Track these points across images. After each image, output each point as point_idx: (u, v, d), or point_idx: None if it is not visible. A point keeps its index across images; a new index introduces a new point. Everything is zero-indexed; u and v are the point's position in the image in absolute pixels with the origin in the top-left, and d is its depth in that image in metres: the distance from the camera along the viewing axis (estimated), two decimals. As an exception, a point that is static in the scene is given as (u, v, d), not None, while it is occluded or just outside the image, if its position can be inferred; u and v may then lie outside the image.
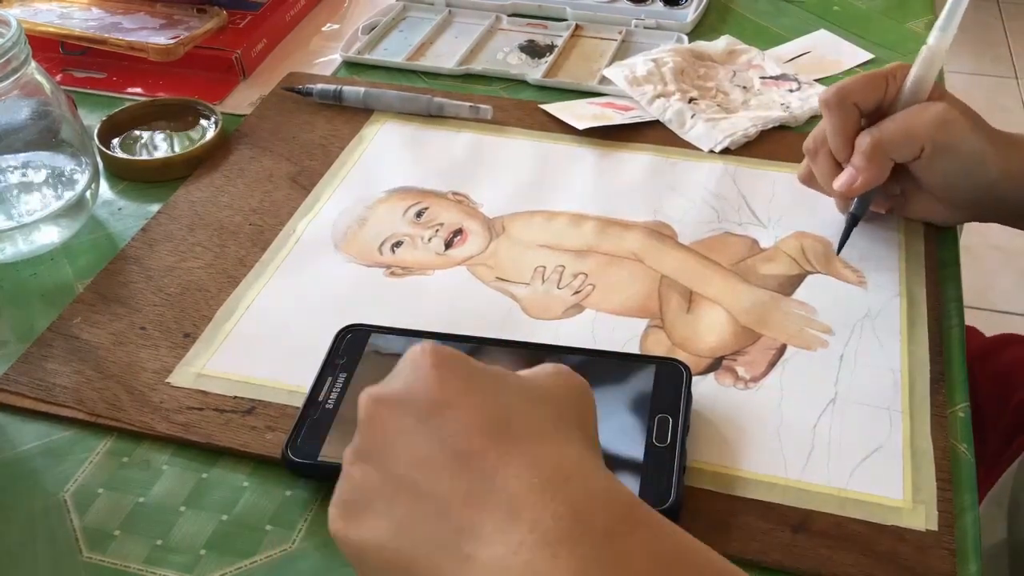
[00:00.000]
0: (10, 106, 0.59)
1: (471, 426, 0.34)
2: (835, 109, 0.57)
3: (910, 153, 0.56)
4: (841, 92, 0.57)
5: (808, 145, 0.60)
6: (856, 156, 0.57)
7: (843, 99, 0.57)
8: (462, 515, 0.32)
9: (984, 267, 1.84)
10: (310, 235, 0.62)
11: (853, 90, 0.57)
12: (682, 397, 0.47)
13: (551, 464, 0.33)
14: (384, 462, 0.35)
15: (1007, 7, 2.71)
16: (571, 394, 0.38)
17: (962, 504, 0.46)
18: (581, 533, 0.31)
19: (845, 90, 0.57)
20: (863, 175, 0.56)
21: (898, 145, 0.56)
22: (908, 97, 0.57)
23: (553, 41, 0.83)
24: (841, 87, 0.57)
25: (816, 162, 0.60)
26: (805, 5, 0.89)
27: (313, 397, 0.48)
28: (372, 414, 0.36)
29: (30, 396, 0.51)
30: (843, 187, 0.57)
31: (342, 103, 0.74)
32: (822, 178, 0.60)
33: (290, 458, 0.46)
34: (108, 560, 0.44)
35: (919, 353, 0.53)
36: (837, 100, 0.57)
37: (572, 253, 0.60)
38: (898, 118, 0.56)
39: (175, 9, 0.82)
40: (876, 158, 0.56)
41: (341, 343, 0.51)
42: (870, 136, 0.56)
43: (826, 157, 0.59)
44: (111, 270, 0.59)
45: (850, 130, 0.57)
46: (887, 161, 0.56)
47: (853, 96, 0.57)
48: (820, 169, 0.60)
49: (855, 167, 0.56)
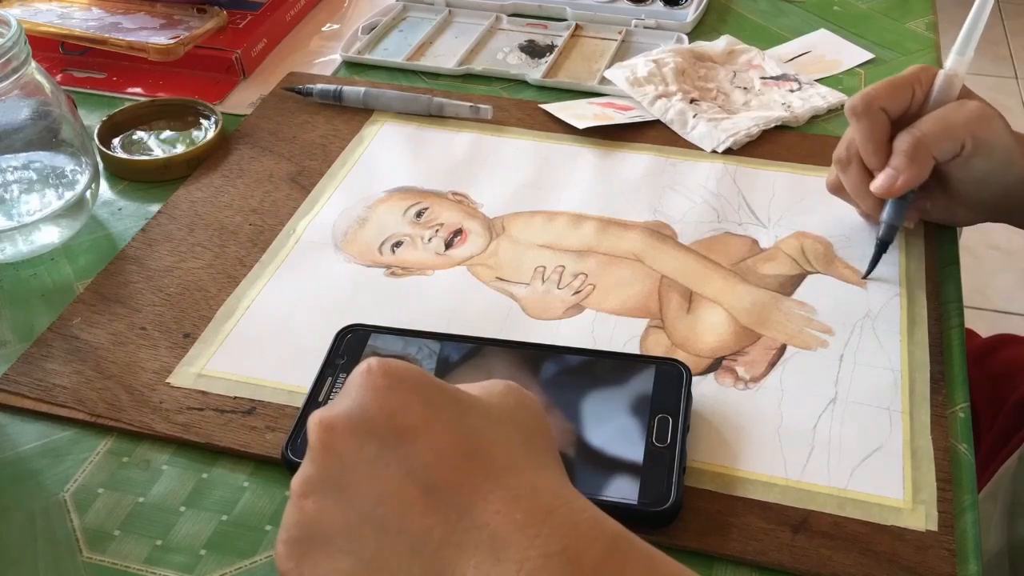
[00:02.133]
0: (10, 106, 0.59)
1: (441, 455, 0.32)
2: (863, 115, 0.56)
3: (951, 149, 0.55)
4: (867, 98, 0.56)
5: (840, 155, 0.59)
6: (896, 157, 0.55)
7: (870, 104, 0.56)
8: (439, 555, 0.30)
9: (984, 267, 1.84)
10: (310, 235, 0.62)
11: (880, 96, 0.56)
12: (682, 397, 0.47)
13: (530, 496, 0.31)
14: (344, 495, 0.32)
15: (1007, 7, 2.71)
16: (531, 415, 0.36)
17: (962, 504, 0.46)
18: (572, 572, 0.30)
19: (871, 96, 0.56)
20: (904, 174, 0.55)
21: (940, 141, 0.55)
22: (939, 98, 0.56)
23: (553, 41, 0.83)
24: (867, 94, 0.56)
25: (848, 173, 0.58)
26: (805, 5, 0.89)
27: (313, 397, 0.48)
28: (326, 441, 0.33)
29: (30, 396, 0.51)
30: (882, 189, 0.56)
31: (342, 103, 0.74)
32: (853, 188, 0.59)
33: (290, 458, 0.46)
34: (108, 560, 0.44)
35: (919, 353, 0.53)
36: (864, 106, 0.56)
37: (572, 253, 0.60)
38: (936, 115, 0.55)
39: (175, 9, 0.82)
40: (919, 156, 0.55)
41: (341, 343, 0.51)
42: (910, 135, 0.55)
43: (858, 167, 0.58)
44: (111, 270, 0.59)
45: (881, 136, 0.56)
46: (929, 159, 0.55)
47: (880, 101, 0.56)
48: (851, 179, 0.58)
49: (895, 168, 0.55)
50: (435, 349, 0.51)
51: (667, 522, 0.44)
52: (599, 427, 0.46)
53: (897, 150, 0.55)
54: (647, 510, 0.43)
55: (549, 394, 0.48)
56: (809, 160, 0.67)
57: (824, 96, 0.74)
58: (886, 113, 0.56)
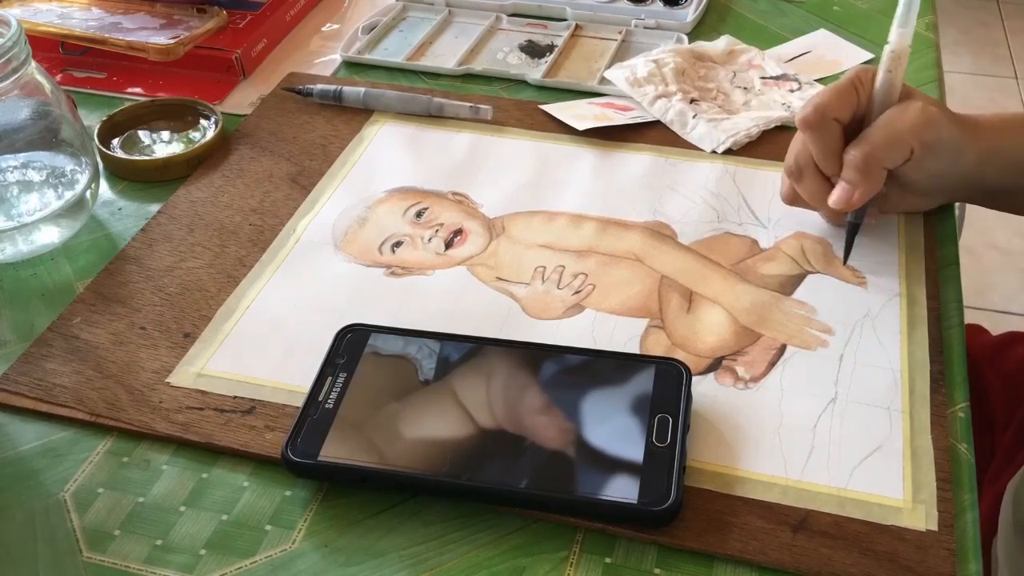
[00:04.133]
0: (10, 106, 0.59)
1: None
2: (818, 129, 0.56)
3: (901, 157, 0.56)
4: (819, 110, 0.56)
5: (790, 167, 0.59)
6: (848, 171, 0.56)
7: (823, 116, 0.56)
8: None
9: (984, 267, 1.84)
10: (310, 235, 0.62)
11: (831, 106, 0.56)
12: (682, 397, 0.47)
13: None
14: None
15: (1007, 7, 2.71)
16: None
17: (962, 504, 0.46)
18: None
19: (823, 107, 0.56)
20: (860, 188, 0.55)
21: (889, 152, 0.55)
22: (880, 101, 0.57)
23: (553, 41, 0.83)
24: (818, 105, 0.56)
25: (803, 183, 0.59)
26: (805, 5, 0.89)
27: (313, 397, 0.48)
28: None
29: (30, 396, 0.51)
30: (840, 203, 0.56)
31: (342, 103, 0.74)
32: (811, 197, 0.59)
33: (290, 458, 0.46)
34: (108, 560, 0.44)
35: (919, 353, 0.53)
36: (817, 119, 0.56)
37: (572, 253, 0.60)
38: (880, 125, 0.56)
39: (175, 9, 0.82)
40: (871, 170, 0.55)
41: (341, 343, 0.51)
42: (859, 150, 0.55)
43: (813, 176, 0.58)
44: (111, 270, 0.59)
45: (836, 146, 0.56)
46: (881, 171, 0.56)
47: (832, 112, 0.56)
48: (808, 188, 0.59)
49: (849, 182, 0.55)
50: (435, 349, 0.51)
51: (667, 522, 0.44)
52: (599, 427, 0.46)
53: (849, 164, 0.56)
54: (647, 510, 0.43)
55: (549, 394, 0.48)
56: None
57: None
58: (838, 123, 0.56)
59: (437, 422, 0.47)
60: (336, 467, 0.45)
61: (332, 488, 0.47)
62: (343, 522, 0.45)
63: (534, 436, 0.46)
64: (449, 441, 0.46)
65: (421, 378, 0.49)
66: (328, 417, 0.47)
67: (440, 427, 0.47)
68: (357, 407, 0.48)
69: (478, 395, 0.48)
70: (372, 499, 0.46)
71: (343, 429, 0.47)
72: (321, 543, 0.44)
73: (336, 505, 0.46)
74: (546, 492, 0.44)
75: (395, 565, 0.43)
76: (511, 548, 0.44)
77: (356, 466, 0.45)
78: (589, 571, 0.43)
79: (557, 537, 0.44)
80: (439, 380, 0.49)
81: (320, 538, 0.45)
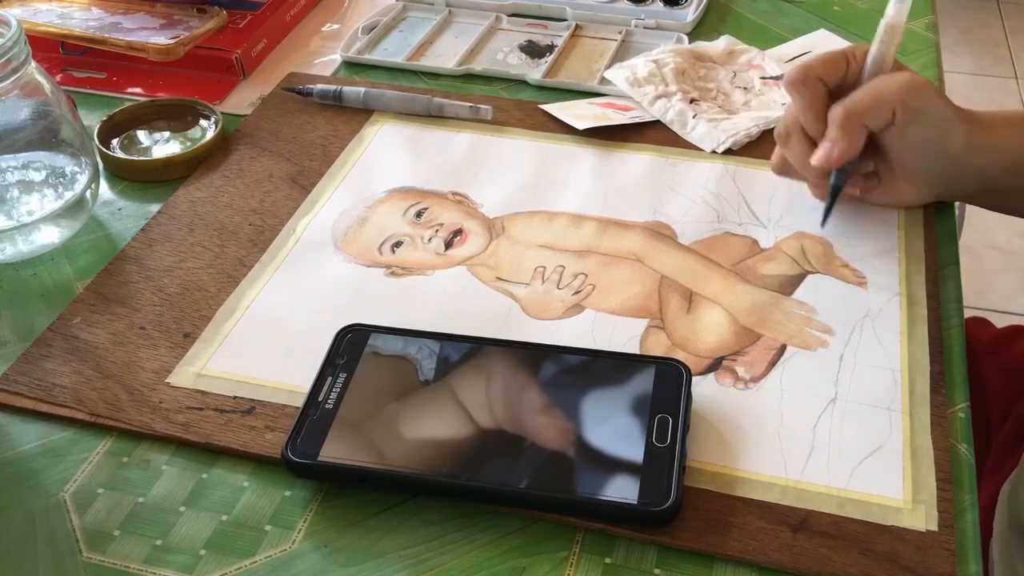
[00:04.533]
0: (10, 106, 0.59)
1: None
2: (800, 86, 0.58)
3: (883, 119, 0.56)
4: (803, 69, 0.58)
5: (779, 131, 0.61)
6: (830, 128, 0.57)
7: (806, 75, 0.58)
8: None
9: (984, 267, 1.84)
10: (310, 235, 0.62)
11: (815, 66, 0.58)
12: (682, 397, 0.47)
13: None
14: None
15: (1007, 7, 2.71)
16: None
17: (962, 504, 0.46)
18: None
19: (807, 67, 0.58)
20: (839, 145, 0.57)
21: (870, 110, 0.56)
22: (871, 72, 0.58)
23: (553, 41, 0.83)
24: (802, 65, 0.58)
25: (789, 146, 0.60)
26: (805, 5, 0.89)
27: (313, 397, 0.48)
28: None
29: (30, 396, 0.51)
30: (821, 160, 0.57)
31: (342, 103, 0.74)
32: (797, 161, 0.60)
33: (290, 458, 0.46)
34: (108, 560, 0.44)
35: (919, 353, 0.53)
36: (801, 77, 0.58)
37: (572, 253, 0.60)
38: (866, 86, 0.57)
39: (175, 9, 0.82)
40: (850, 126, 0.56)
41: (341, 343, 0.51)
42: (841, 106, 0.57)
43: (799, 139, 0.60)
44: (111, 270, 0.59)
45: (819, 105, 0.58)
46: (861, 128, 0.57)
47: (816, 71, 0.58)
48: (794, 152, 0.60)
49: (830, 139, 0.57)
50: (435, 349, 0.51)
51: (667, 522, 0.44)
52: (599, 427, 0.46)
53: (831, 122, 0.57)
54: (647, 510, 0.43)
55: (549, 394, 0.48)
56: (809, 160, 0.67)
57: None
58: (823, 82, 0.58)
59: (437, 422, 0.47)
60: (336, 467, 0.45)
61: (332, 488, 0.47)
62: (343, 522, 0.45)
63: (534, 436, 0.46)
64: (449, 441, 0.46)
65: (421, 378, 0.49)
66: (328, 417, 0.47)
67: (440, 427, 0.47)
68: (357, 407, 0.48)
69: (478, 395, 0.48)
70: (372, 499, 0.46)
71: (343, 429, 0.47)
72: (321, 543, 0.44)
73: (336, 505, 0.46)
74: (546, 492, 0.44)
75: (395, 565, 0.43)
76: (511, 548, 0.44)
77: (356, 466, 0.45)
78: (589, 571, 0.43)
79: (557, 537, 0.44)
80: (439, 380, 0.49)
81: (320, 538, 0.45)
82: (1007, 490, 0.66)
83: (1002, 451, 0.74)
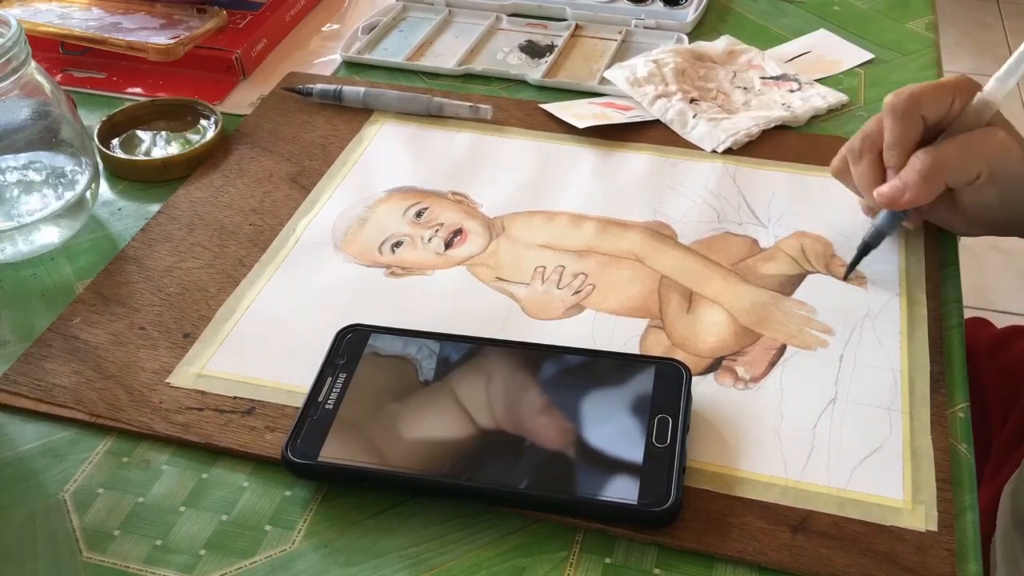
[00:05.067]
0: (10, 106, 0.59)
1: None
2: (903, 118, 0.54)
3: (966, 178, 0.54)
4: (912, 100, 0.54)
5: (854, 145, 0.57)
6: (909, 171, 0.54)
7: (913, 108, 0.54)
8: None
9: (984, 267, 1.84)
10: (310, 235, 0.62)
11: (923, 99, 0.54)
12: (682, 397, 0.47)
13: None
14: None
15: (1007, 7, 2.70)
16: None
17: (962, 504, 0.46)
18: None
19: (916, 98, 0.54)
20: (911, 192, 0.54)
21: (957, 169, 0.54)
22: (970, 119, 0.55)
23: (553, 41, 0.83)
24: (913, 94, 0.54)
25: (859, 163, 0.57)
26: (805, 5, 0.89)
27: (313, 397, 0.48)
28: None
29: (30, 396, 0.51)
30: (887, 199, 0.55)
31: (342, 103, 0.74)
32: (860, 180, 0.58)
33: (290, 459, 0.46)
34: (108, 560, 0.44)
35: (919, 353, 0.53)
36: (906, 108, 0.54)
37: (572, 253, 0.60)
38: (962, 140, 0.54)
39: (175, 9, 0.82)
40: (932, 179, 0.53)
41: (341, 343, 0.51)
42: (930, 156, 0.53)
43: (873, 161, 0.56)
44: (111, 270, 0.59)
45: (911, 141, 0.55)
46: (941, 184, 0.54)
47: (923, 107, 0.54)
48: (861, 171, 0.57)
49: (905, 182, 0.54)
50: (435, 349, 0.51)
51: (667, 522, 0.44)
52: (599, 427, 0.46)
53: (912, 166, 0.54)
54: (647, 510, 0.43)
55: (549, 394, 0.48)
56: (809, 160, 0.67)
57: (824, 96, 0.74)
58: (924, 119, 0.55)
59: (437, 423, 0.47)
60: (336, 468, 0.45)
61: (332, 488, 0.47)
62: (343, 522, 0.45)
63: (534, 437, 0.46)
64: (449, 442, 0.46)
65: (421, 379, 0.49)
66: (328, 418, 0.47)
67: (440, 428, 0.47)
68: (357, 408, 0.48)
69: (478, 396, 0.48)
70: (372, 499, 0.46)
71: (343, 430, 0.47)
72: (321, 543, 0.44)
73: (336, 505, 0.46)
74: (546, 493, 0.44)
75: (395, 565, 0.43)
76: (511, 548, 0.44)
77: (356, 467, 0.45)
78: (589, 571, 0.43)
79: (557, 537, 0.44)
80: (439, 380, 0.49)
81: (320, 538, 0.45)
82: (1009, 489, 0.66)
83: (1002, 452, 0.74)
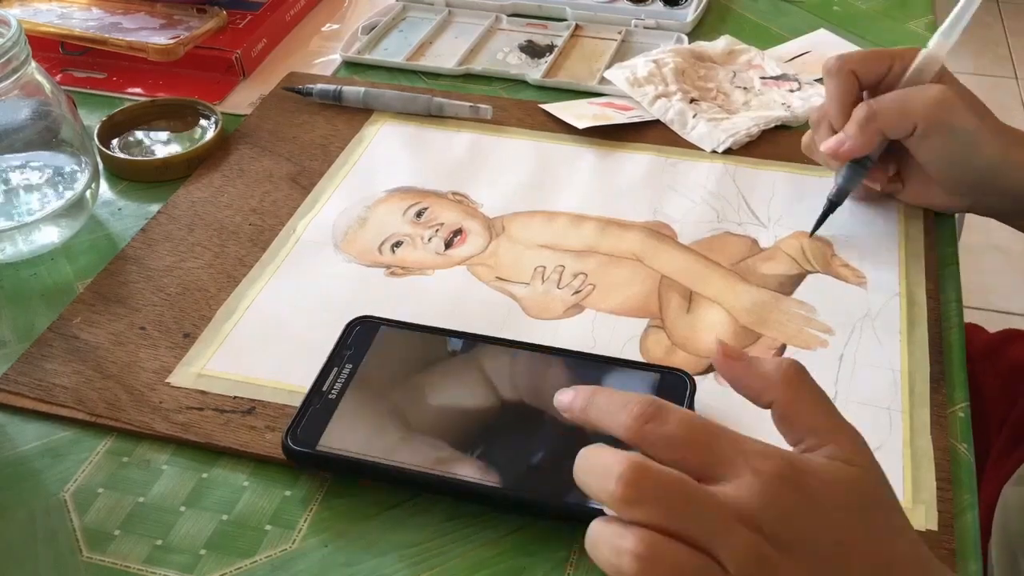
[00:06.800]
0: (10, 106, 0.59)
1: None
2: (836, 76, 0.59)
3: (902, 130, 0.57)
4: (844, 60, 0.59)
5: (814, 116, 0.62)
6: (849, 123, 0.58)
7: (842, 66, 0.59)
8: None
9: (984, 267, 1.84)
10: (310, 235, 0.62)
11: (854, 59, 0.59)
12: (684, 407, 0.47)
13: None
14: None
15: (1007, 7, 2.71)
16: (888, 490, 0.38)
17: (962, 504, 0.46)
18: None
19: (845, 58, 0.59)
20: (850, 142, 0.58)
21: (891, 119, 0.57)
22: (909, 79, 0.59)
23: (553, 41, 0.83)
24: (843, 55, 0.59)
25: (818, 131, 0.62)
26: (805, 5, 0.89)
27: (317, 387, 0.48)
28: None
29: (30, 396, 0.51)
30: (829, 149, 0.59)
31: (342, 103, 0.74)
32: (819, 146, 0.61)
33: (289, 446, 0.45)
34: (108, 560, 0.44)
35: (919, 353, 0.53)
36: (839, 67, 0.59)
37: (572, 253, 0.60)
38: (897, 93, 0.58)
39: (175, 9, 0.82)
40: (867, 127, 0.57)
41: (350, 335, 0.51)
42: (866, 106, 0.58)
43: (827, 127, 0.61)
44: (111, 270, 0.59)
45: (846, 98, 0.59)
46: (877, 132, 0.58)
47: (852, 64, 0.59)
48: (820, 137, 0.61)
49: (845, 133, 0.58)
50: (442, 344, 0.51)
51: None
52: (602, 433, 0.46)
53: (852, 118, 0.58)
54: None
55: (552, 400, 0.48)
56: (809, 160, 0.67)
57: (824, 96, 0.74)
58: (856, 76, 0.59)
59: (440, 418, 0.47)
60: (334, 457, 0.45)
61: (332, 488, 0.47)
62: (343, 522, 0.45)
63: (536, 441, 0.46)
64: (450, 439, 0.46)
65: (427, 373, 0.49)
66: (331, 407, 0.47)
67: (443, 424, 0.47)
68: (360, 399, 0.48)
69: (482, 395, 0.48)
70: (372, 499, 0.46)
71: (344, 419, 0.47)
72: (321, 543, 0.44)
73: (336, 505, 0.46)
74: (546, 498, 0.44)
75: (395, 565, 0.43)
76: (511, 548, 0.44)
77: (355, 457, 0.45)
78: (589, 571, 0.43)
79: (557, 537, 0.44)
80: (445, 376, 0.49)
81: (320, 538, 0.45)
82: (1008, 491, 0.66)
83: (1000, 455, 0.74)
